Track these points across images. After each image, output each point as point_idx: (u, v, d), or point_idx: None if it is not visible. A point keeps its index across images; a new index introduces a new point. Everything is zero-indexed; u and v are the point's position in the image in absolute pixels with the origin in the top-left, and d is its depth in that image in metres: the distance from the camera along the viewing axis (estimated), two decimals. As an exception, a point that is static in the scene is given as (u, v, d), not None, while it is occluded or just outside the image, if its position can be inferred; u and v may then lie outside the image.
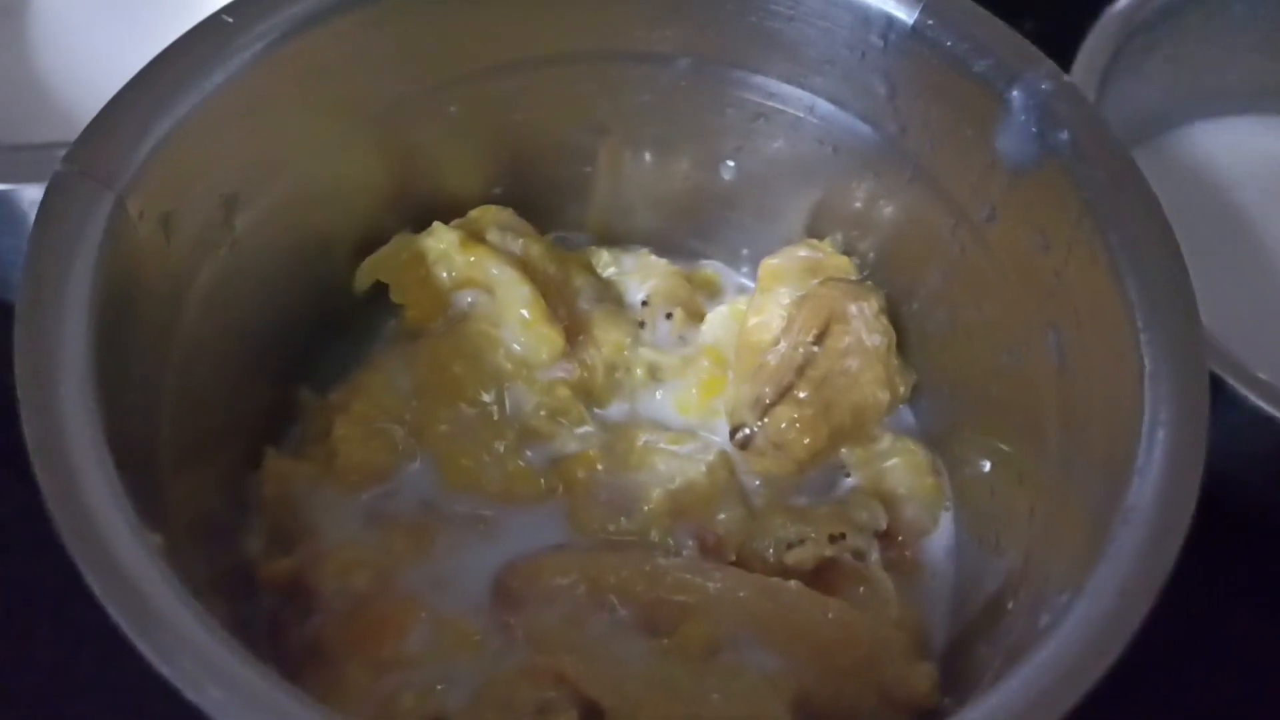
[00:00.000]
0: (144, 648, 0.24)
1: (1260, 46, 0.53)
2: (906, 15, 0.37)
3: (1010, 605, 0.35)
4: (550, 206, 0.46)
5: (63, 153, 0.37)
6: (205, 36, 0.34)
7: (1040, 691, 0.25)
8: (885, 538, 0.42)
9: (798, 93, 0.41)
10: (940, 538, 0.43)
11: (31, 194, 0.42)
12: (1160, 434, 0.29)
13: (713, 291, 0.48)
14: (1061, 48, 0.48)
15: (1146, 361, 0.30)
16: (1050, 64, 0.35)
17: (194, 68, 0.34)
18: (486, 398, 0.41)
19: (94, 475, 0.27)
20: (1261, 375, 0.41)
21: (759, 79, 0.41)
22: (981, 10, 0.37)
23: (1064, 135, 0.35)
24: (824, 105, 0.41)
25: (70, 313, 0.30)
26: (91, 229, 0.31)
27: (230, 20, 0.34)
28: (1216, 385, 0.40)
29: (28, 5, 0.54)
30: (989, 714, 0.25)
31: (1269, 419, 0.41)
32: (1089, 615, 0.26)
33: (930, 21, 0.37)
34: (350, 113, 0.39)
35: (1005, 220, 0.38)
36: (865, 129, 0.41)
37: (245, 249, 0.38)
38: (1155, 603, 0.27)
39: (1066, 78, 0.35)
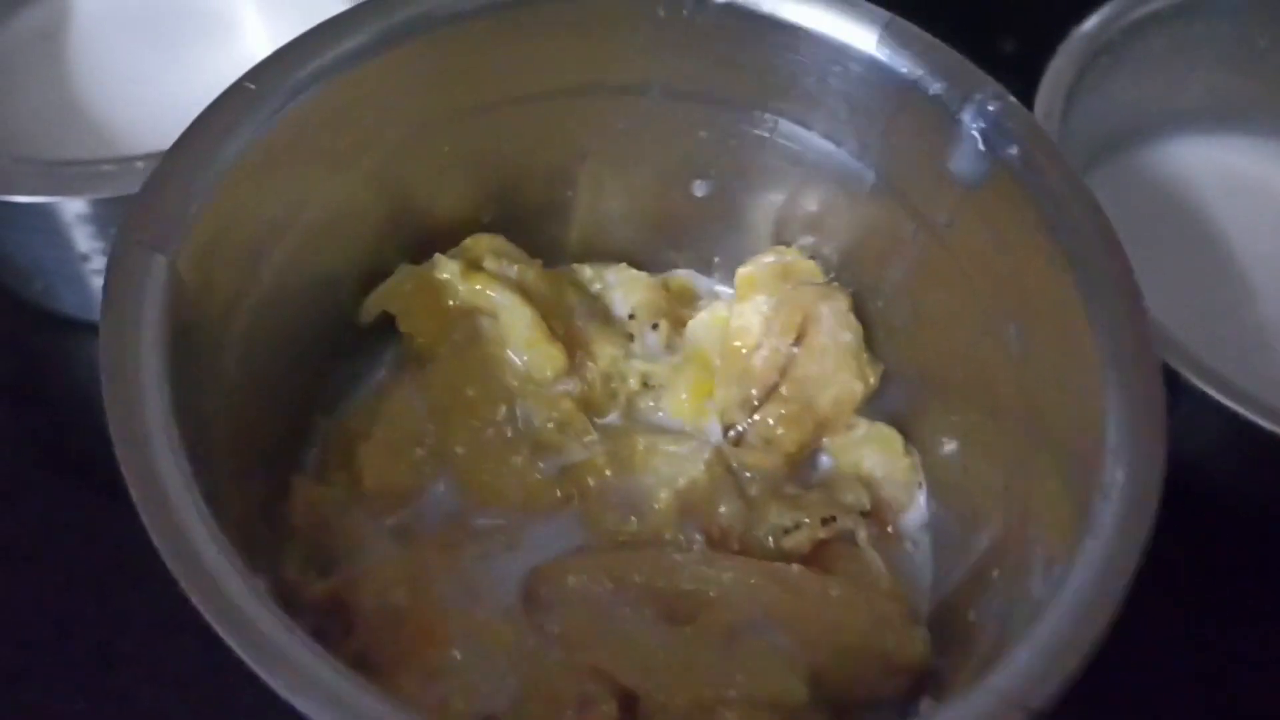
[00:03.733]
0: (229, 639, 0.28)
1: (1221, 64, 0.57)
2: (864, 45, 0.41)
3: (995, 575, 0.39)
4: (533, 228, 0.49)
5: (104, 167, 0.44)
6: (231, 104, 0.37)
7: (1052, 653, 0.29)
8: (867, 516, 0.47)
9: (764, 115, 0.45)
10: (916, 513, 0.48)
11: (74, 207, 0.45)
12: (1125, 417, 0.33)
13: (688, 298, 0.52)
14: (1038, 67, 0.53)
15: (1100, 352, 0.35)
16: (997, 85, 0.39)
17: (222, 135, 0.36)
18: (499, 416, 0.44)
19: (195, 522, 0.30)
20: (1217, 369, 0.45)
21: (728, 104, 0.45)
22: (934, 39, 0.41)
23: (1014, 150, 0.39)
24: (788, 125, 0.45)
25: (146, 360, 0.33)
26: (152, 290, 0.34)
27: (252, 87, 0.37)
28: (1175, 379, 0.45)
29: (66, 29, 0.56)
30: (1015, 675, 0.29)
31: (1224, 409, 0.45)
32: (1081, 586, 0.30)
33: (887, 50, 0.41)
34: (354, 162, 0.42)
35: (964, 226, 0.42)
36: (827, 145, 0.45)
37: (268, 295, 0.40)
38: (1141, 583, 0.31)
39: (1011, 98, 0.39)
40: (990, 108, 0.39)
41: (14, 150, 0.53)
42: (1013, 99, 0.39)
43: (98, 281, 0.51)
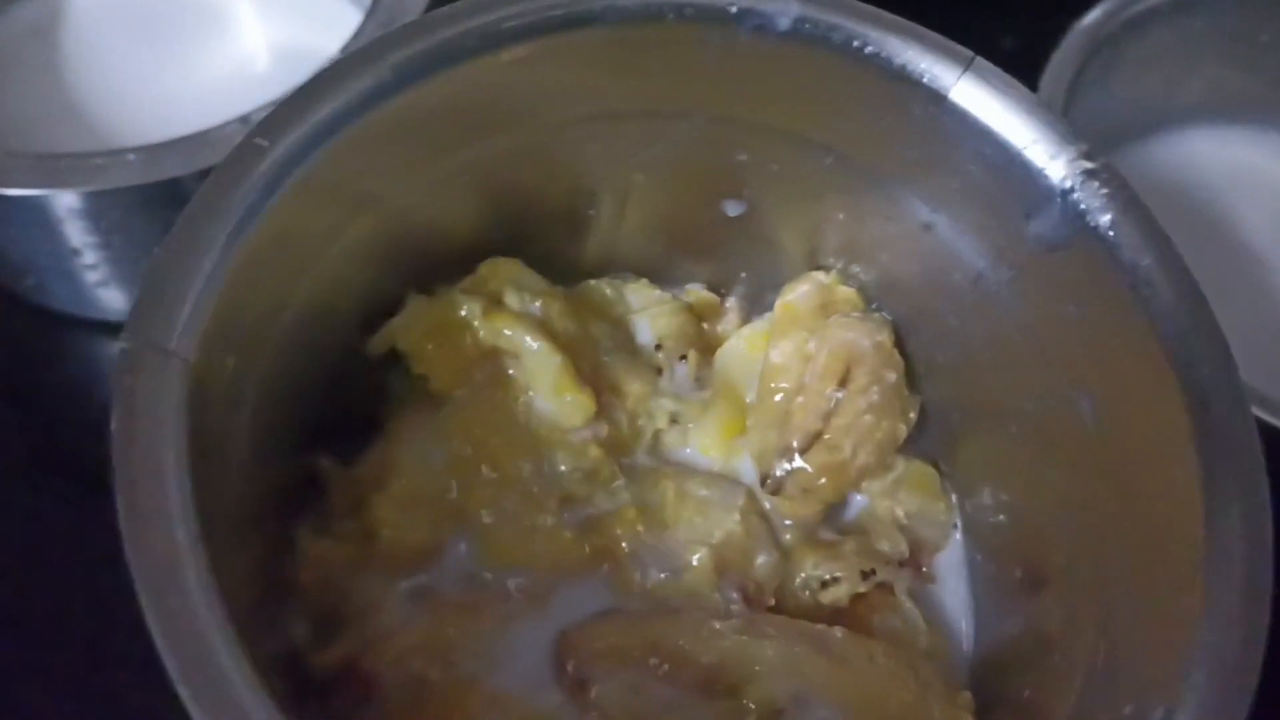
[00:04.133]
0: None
1: (1222, 59, 0.56)
2: (941, 85, 0.37)
3: (1056, 659, 0.37)
4: (548, 245, 0.45)
5: (96, 160, 0.44)
6: (237, 169, 0.32)
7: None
8: (903, 563, 0.45)
9: (816, 144, 0.41)
10: (951, 552, 0.46)
11: (65, 200, 0.45)
12: (1228, 547, 0.31)
13: (712, 314, 0.48)
14: (1039, 63, 0.51)
15: (1204, 467, 0.32)
16: (1089, 144, 0.36)
17: (230, 208, 0.32)
18: (524, 470, 0.41)
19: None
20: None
21: (777, 132, 0.41)
22: (1019, 84, 0.37)
23: (1105, 219, 0.36)
24: (842, 157, 0.41)
25: (166, 471, 0.29)
26: (169, 395, 0.30)
27: (264, 144, 0.32)
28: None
29: (60, 24, 0.57)
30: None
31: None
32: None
33: (966, 93, 0.37)
34: (370, 206, 0.38)
35: (1034, 283, 0.38)
36: (883, 182, 0.41)
37: (274, 357, 0.36)
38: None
39: (1105, 159, 0.36)
40: (1080, 169, 0.36)
41: (6, 144, 0.52)
42: (1107, 160, 0.36)
43: (90, 277, 0.50)
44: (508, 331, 0.41)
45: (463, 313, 0.41)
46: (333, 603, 0.40)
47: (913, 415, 0.45)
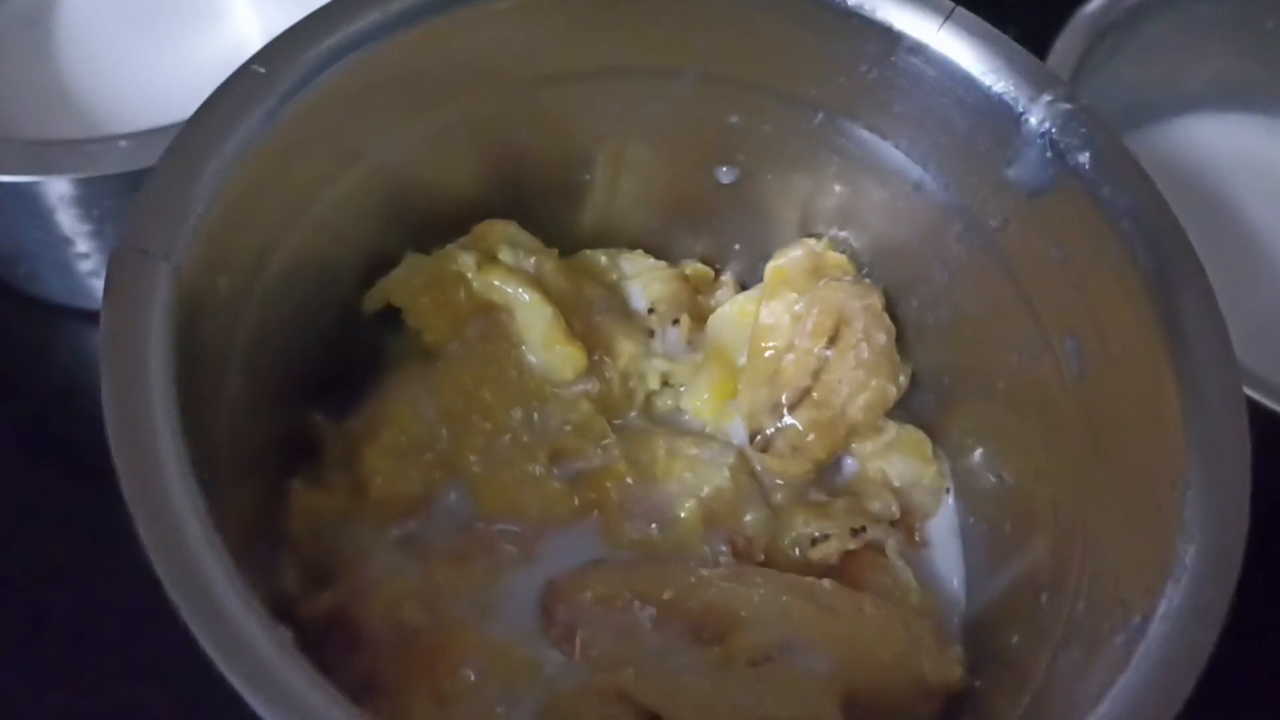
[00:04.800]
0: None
1: (1226, 45, 0.56)
2: (923, 35, 0.38)
3: (1043, 599, 0.37)
4: (545, 212, 0.46)
5: (88, 147, 0.44)
6: (237, 91, 0.33)
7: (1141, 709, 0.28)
8: (894, 523, 0.45)
9: (807, 104, 0.42)
10: (944, 518, 0.46)
11: (57, 188, 0.44)
12: (1207, 453, 0.31)
13: (708, 286, 0.49)
14: (1043, 49, 0.51)
15: (1179, 381, 0.33)
16: (1067, 86, 0.37)
17: (228, 127, 0.33)
18: (514, 420, 0.41)
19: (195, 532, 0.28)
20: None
21: (767, 90, 0.42)
22: (999, 33, 0.38)
23: (1084, 158, 0.36)
24: (832, 115, 0.42)
25: (153, 382, 0.30)
26: (157, 302, 0.30)
27: (262, 70, 0.33)
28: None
29: (54, 12, 0.56)
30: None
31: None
32: (1169, 636, 0.29)
33: (947, 42, 0.38)
34: (366, 150, 0.38)
35: (1019, 231, 0.39)
36: (871, 138, 0.42)
37: (270, 295, 0.37)
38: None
39: (1084, 100, 0.37)
40: (1059, 111, 0.36)
41: (-1, 132, 0.53)
42: (1085, 101, 0.37)
43: (82, 266, 0.49)
44: (500, 284, 0.41)
45: (457, 266, 0.42)
46: (323, 553, 0.40)
47: (903, 379, 0.45)
